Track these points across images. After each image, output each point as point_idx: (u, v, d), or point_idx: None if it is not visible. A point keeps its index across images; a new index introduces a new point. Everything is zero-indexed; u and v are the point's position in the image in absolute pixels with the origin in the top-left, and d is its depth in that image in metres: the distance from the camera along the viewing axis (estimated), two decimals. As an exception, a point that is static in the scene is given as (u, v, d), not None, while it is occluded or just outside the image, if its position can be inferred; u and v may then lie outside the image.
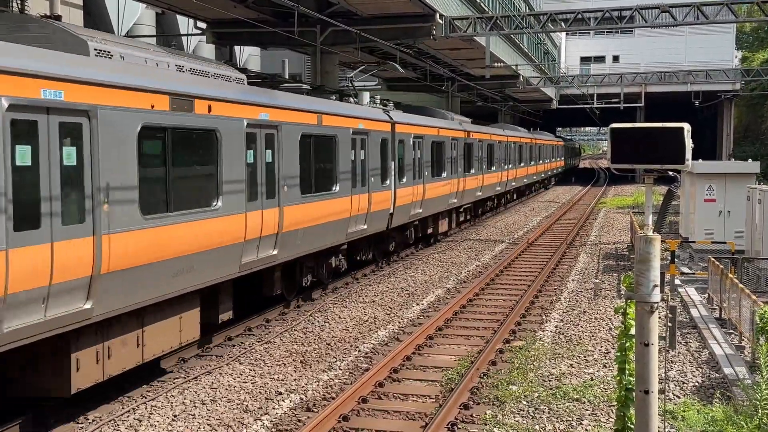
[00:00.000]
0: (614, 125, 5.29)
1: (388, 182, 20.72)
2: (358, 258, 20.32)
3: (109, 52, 10.58)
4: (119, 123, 10.11)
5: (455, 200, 28.30)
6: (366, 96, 21.41)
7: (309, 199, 15.76)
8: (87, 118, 9.54)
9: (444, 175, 26.23)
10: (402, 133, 21.81)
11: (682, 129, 5.12)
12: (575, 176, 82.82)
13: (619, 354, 6.45)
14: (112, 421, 9.97)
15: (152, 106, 10.75)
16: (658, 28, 58.82)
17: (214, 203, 12.18)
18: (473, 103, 57.03)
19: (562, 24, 31.55)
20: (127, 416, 10.18)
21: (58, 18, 16.39)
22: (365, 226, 19.06)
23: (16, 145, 8.50)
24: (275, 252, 14.20)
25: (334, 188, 17.10)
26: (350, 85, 25.34)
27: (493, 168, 36.35)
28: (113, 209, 9.88)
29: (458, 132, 28.75)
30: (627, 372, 6.25)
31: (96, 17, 34.87)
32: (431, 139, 24.83)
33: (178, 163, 11.35)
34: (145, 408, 10.46)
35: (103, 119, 9.76)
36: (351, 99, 20.09)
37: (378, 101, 21.95)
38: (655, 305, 5.39)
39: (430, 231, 26.16)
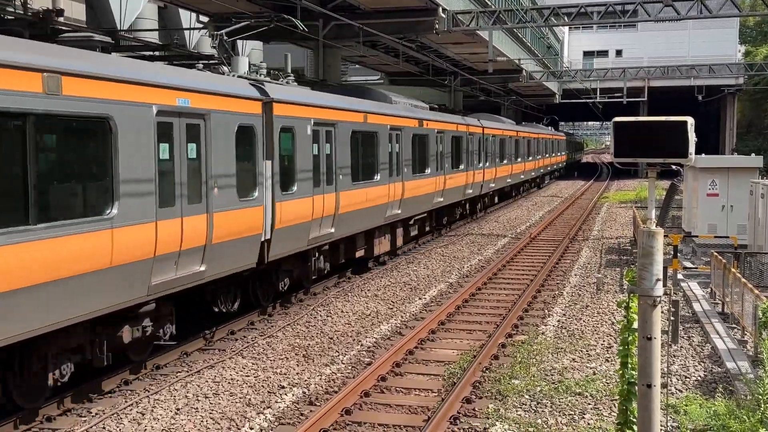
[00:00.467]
0: (617, 119, 5.28)
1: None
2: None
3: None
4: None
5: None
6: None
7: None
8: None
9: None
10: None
11: (685, 123, 5.10)
12: (578, 171, 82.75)
13: (621, 348, 6.45)
14: (116, 415, 10.00)
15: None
16: (661, 23, 58.75)
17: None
18: (476, 97, 56.96)
19: (565, 18, 31.52)
20: (131, 409, 10.20)
21: (60, 12, 16.35)
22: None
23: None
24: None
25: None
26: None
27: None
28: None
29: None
30: (629, 366, 6.26)
31: (98, 11, 34.84)
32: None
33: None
34: (148, 401, 10.48)
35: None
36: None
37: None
38: (658, 299, 5.39)
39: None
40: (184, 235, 11.41)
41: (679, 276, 18.88)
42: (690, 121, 5.15)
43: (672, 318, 13.47)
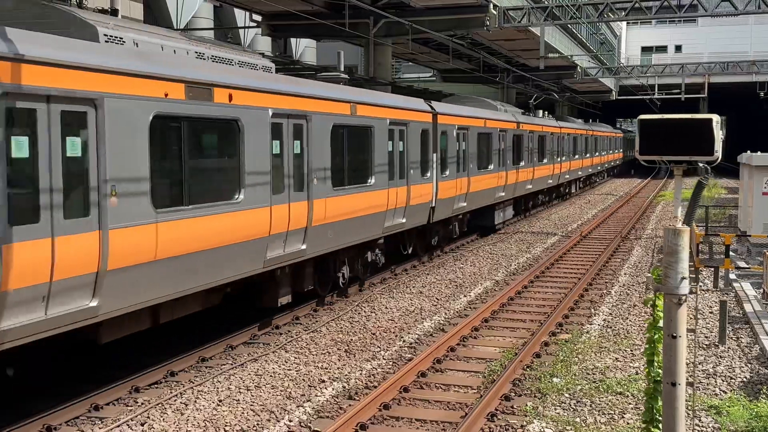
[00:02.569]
0: (642, 116, 5.26)
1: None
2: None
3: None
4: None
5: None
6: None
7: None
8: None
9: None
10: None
11: (710, 120, 5.06)
12: (635, 168, 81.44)
13: (647, 346, 6.42)
14: (160, 405, 10.27)
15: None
16: (721, 17, 57.48)
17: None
18: (529, 94, 56.50)
19: (620, 13, 31.10)
20: (175, 400, 10.46)
21: (115, 12, 16.77)
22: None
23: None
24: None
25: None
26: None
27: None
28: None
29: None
30: (656, 364, 6.23)
31: (155, 11, 35.59)
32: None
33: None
34: (192, 392, 10.74)
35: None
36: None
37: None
38: (683, 297, 5.35)
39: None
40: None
41: (732, 276, 18.53)
42: (716, 119, 5.11)
43: (719, 318, 13.29)
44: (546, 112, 41.95)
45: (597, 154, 53.61)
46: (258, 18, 30.27)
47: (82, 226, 9.00)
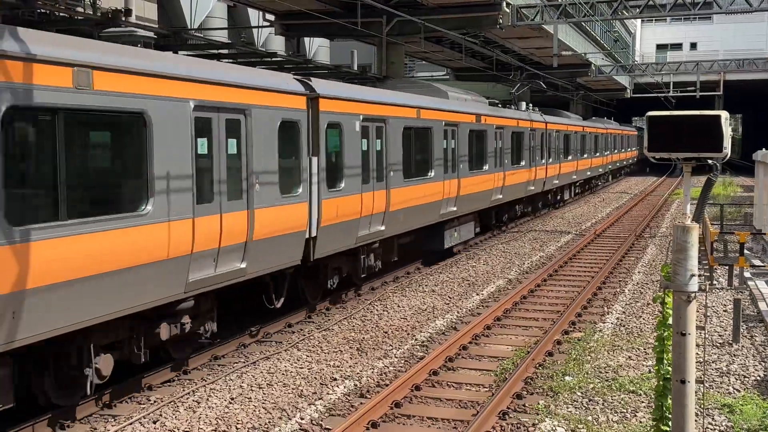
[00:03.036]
0: (651, 113, 5.24)
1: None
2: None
3: None
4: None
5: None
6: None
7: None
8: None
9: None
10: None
11: (719, 117, 5.04)
12: (650, 166, 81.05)
13: (657, 343, 6.40)
14: (173, 403, 10.32)
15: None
16: (737, 15, 57.04)
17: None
18: (543, 92, 56.29)
19: (635, 11, 30.94)
20: (187, 398, 10.52)
21: (129, 12, 16.82)
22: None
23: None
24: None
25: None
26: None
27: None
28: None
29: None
30: (665, 362, 6.21)
31: (169, 11, 35.74)
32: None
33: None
34: (204, 390, 10.79)
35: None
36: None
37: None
38: (693, 295, 5.33)
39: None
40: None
41: (747, 274, 18.41)
42: (724, 115, 5.08)
43: (734, 317, 13.22)
44: (530, 105, 33.62)
45: (597, 154, 46.51)
46: (271, 17, 30.32)
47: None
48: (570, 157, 37.69)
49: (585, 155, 42.28)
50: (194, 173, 10.58)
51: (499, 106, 28.61)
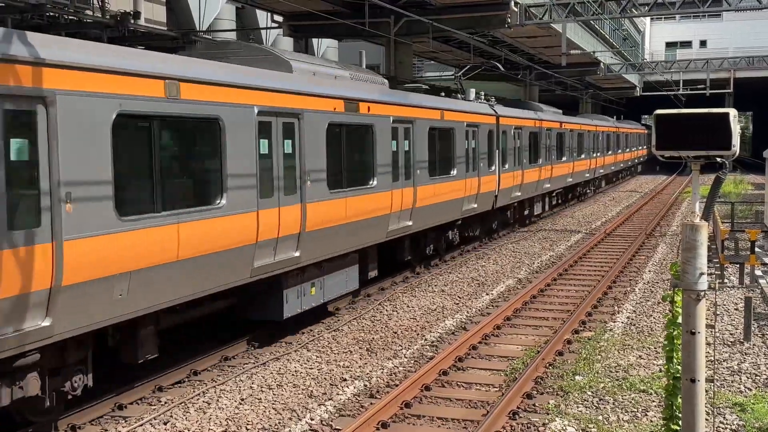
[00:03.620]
0: (659, 111, 5.22)
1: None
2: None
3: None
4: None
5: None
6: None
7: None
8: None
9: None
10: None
11: (728, 115, 5.02)
12: (660, 165, 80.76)
13: (666, 342, 6.38)
14: (183, 404, 10.35)
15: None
16: (747, 12, 56.82)
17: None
18: (552, 91, 56.25)
19: (644, 9, 30.85)
20: (198, 399, 10.54)
21: (137, 15, 16.84)
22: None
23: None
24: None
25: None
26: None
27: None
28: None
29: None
30: (675, 361, 6.18)
31: (178, 13, 35.83)
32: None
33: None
34: (215, 391, 10.81)
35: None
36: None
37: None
38: (702, 293, 5.31)
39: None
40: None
41: (758, 272, 18.32)
42: (733, 113, 5.06)
43: (745, 315, 13.15)
44: (484, 95, 27.13)
45: (582, 156, 38.38)
46: (279, 19, 30.39)
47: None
48: (540, 161, 29.83)
49: (564, 158, 34.26)
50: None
51: (443, 95, 24.09)
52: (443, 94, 24.96)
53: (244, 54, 13.42)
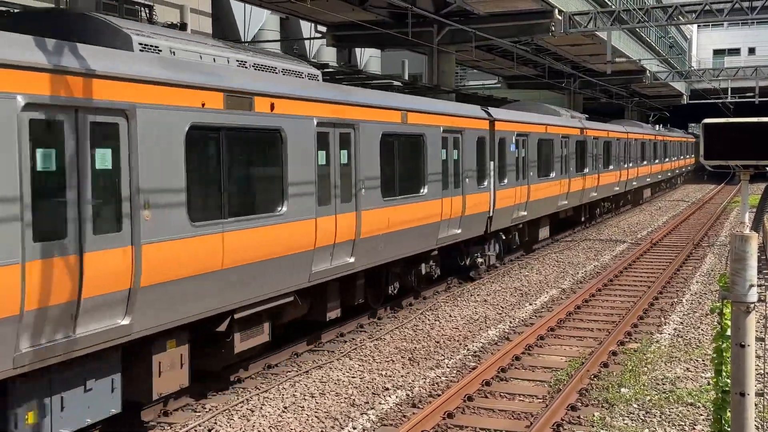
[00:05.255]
0: (707, 120, 5.15)
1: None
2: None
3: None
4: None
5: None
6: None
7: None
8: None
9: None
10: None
11: (778, 123, 4.92)
12: (707, 173, 79.44)
13: (715, 355, 6.26)
14: (227, 411, 10.43)
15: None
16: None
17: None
18: (597, 99, 55.71)
19: (690, 16, 30.44)
20: (241, 406, 10.62)
21: (184, 26, 17.10)
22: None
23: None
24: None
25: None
26: None
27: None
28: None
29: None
30: (724, 374, 6.06)
31: (224, 24, 36.32)
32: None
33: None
34: (258, 399, 10.88)
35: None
36: None
37: None
38: (752, 305, 5.21)
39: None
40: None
41: (808, 284, 17.91)
42: (783, 121, 4.96)
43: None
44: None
45: (610, 167, 33.69)
46: (323, 29, 30.61)
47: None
48: (553, 175, 25.26)
49: (587, 170, 29.67)
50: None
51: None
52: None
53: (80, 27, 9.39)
